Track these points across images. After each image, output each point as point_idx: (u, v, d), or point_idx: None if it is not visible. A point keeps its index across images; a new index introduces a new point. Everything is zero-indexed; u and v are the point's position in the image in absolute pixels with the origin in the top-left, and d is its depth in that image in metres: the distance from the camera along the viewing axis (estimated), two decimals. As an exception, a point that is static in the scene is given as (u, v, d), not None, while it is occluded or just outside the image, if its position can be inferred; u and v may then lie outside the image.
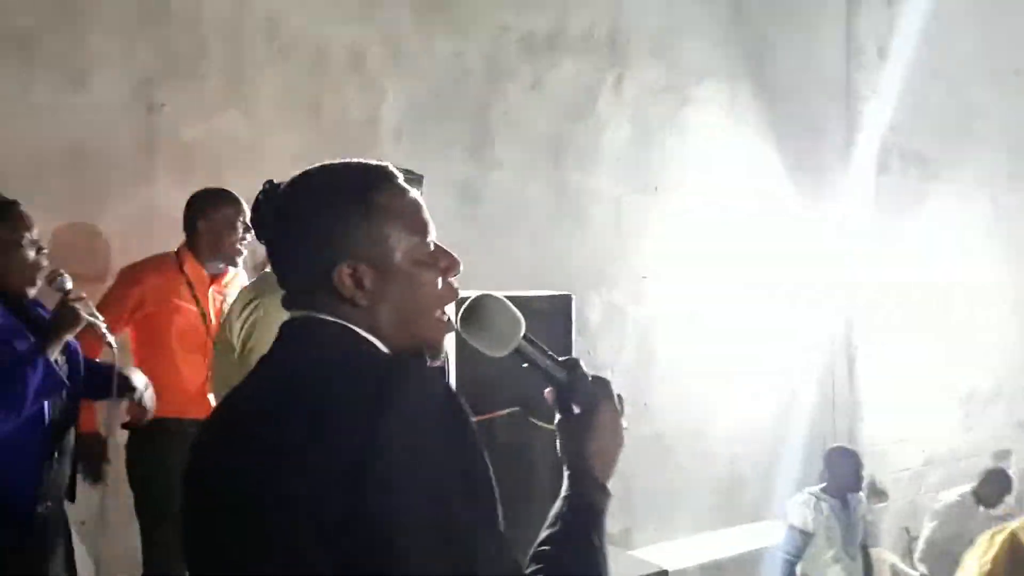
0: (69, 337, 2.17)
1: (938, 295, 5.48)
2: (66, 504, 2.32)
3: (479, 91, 4.06)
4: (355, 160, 1.09)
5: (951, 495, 4.78)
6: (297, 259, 1.05)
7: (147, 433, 2.54)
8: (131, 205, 3.01)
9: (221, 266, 2.92)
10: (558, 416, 1.15)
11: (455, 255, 1.09)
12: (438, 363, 1.10)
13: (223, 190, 2.95)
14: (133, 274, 2.82)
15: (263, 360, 1.06)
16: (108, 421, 2.59)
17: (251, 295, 2.28)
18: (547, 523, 1.07)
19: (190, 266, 2.88)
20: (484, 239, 3.98)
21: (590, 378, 1.15)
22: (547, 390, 1.16)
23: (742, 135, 4.90)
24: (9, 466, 2.09)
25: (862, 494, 4.27)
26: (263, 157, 3.33)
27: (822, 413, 5.18)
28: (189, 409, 2.64)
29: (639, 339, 4.53)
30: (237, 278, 3.03)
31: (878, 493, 5.30)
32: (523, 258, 4.09)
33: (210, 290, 2.91)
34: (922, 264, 5.41)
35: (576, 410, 1.14)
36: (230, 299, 2.90)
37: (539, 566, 1.01)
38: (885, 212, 5.32)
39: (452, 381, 2.59)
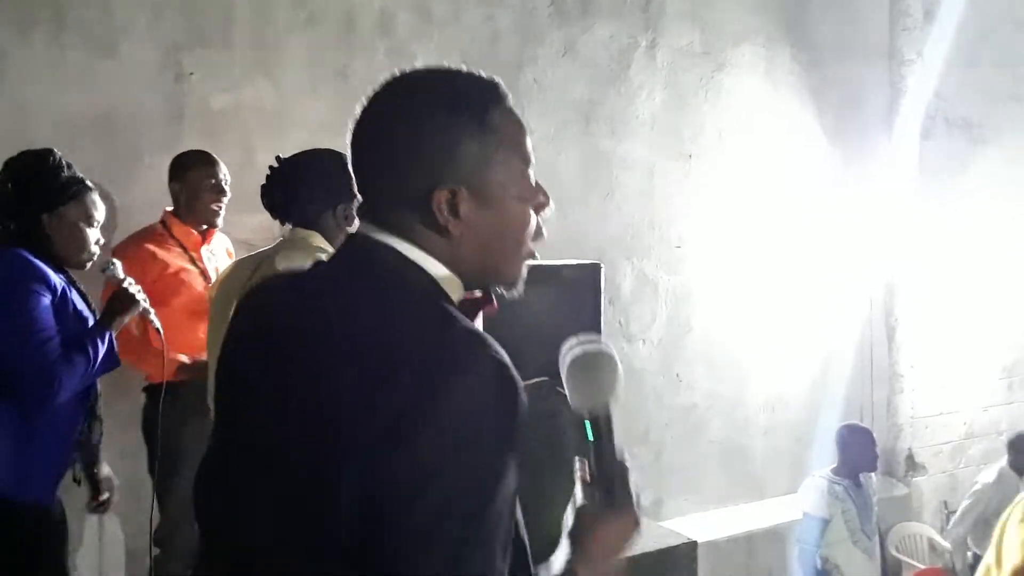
0: (126, 320, 2.24)
1: (982, 264, 5.34)
2: None
3: (509, 56, 3.99)
4: (464, 69, 0.99)
5: (989, 474, 4.67)
6: (392, 175, 0.95)
7: (166, 395, 2.55)
8: (159, 173, 3.01)
9: (203, 227, 2.94)
10: (580, 497, 1.08)
11: (546, 190, 1.02)
12: (514, 296, 1.04)
13: (198, 151, 2.96)
14: (127, 248, 2.82)
15: (320, 271, 1.01)
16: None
17: (256, 262, 2.24)
18: None
19: (178, 229, 2.90)
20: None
21: (634, 491, 1.07)
22: (580, 464, 1.09)
23: (780, 101, 4.78)
24: (57, 432, 2.14)
25: (873, 474, 4.15)
26: (291, 125, 3.31)
27: (860, 385, 5.09)
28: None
29: (672, 309, 4.47)
30: (221, 245, 3.05)
31: (916, 467, 5.22)
32: (553, 226, 3.98)
33: (203, 249, 2.94)
34: (966, 232, 5.27)
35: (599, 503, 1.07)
36: (218, 259, 2.94)
37: None
38: (929, 179, 5.18)
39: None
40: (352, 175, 1.00)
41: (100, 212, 2.23)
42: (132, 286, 2.28)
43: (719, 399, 4.60)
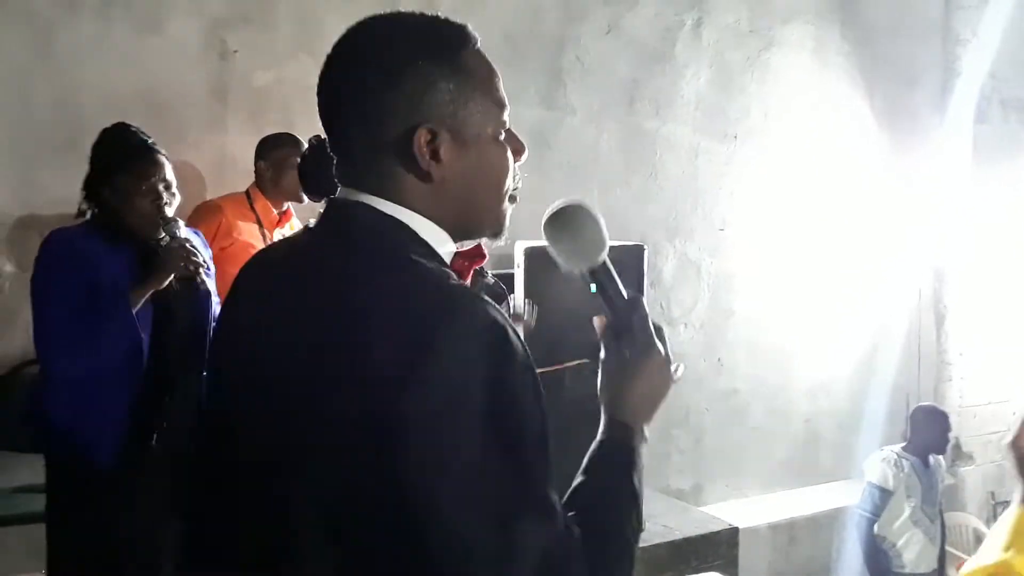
0: (160, 285, 2.18)
1: (1036, 251, 5.19)
2: None
3: (552, 34, 3.94)
4: (430, 13, 0.97)
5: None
6: (368, 121, 0.92)
7: None
8: (203, 150, 3.04)
9: (285, 205, 3.04)
10: (604, 351, 1.06)
11: (522, 139, 1.00)
12: (500, 242, 1.03)
13: (285, 133, 3.05)
14: (212, 205, 2.92)
15: (304, 239, 0.99)
16: None
17: None
18: (583, 466, 1.00)
19: (260, 204, 3.00)
20: (555, 186, 3.90)
21: (654, 323, 1.05)
22: (596, 318, 1.07)
23: (829, 81, 4.67)
24: (105, 396, 2.16)
25: (942, 457, 4.11)
26: (333, 102, 3.30)
27: (907, 372, 4.99)
28: None
29: (714, 293, 4.41)
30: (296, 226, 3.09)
31: (964, 456, 5.11)
32: (595, 206, 3.99)
33: (276, 231, 3.00)
34: (1020, 219, 5.12)
35: (626, 351, 1.05)
36: None
37: (573, 514, 0.92)
38: (982, 163, 5.03)
39: (520, 328, 2.55)
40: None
41: (160, 179, 2.20)
42: (190, 246, 2.22)
43: (761, 384, 4.54)
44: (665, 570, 2.52)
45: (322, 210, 0.99)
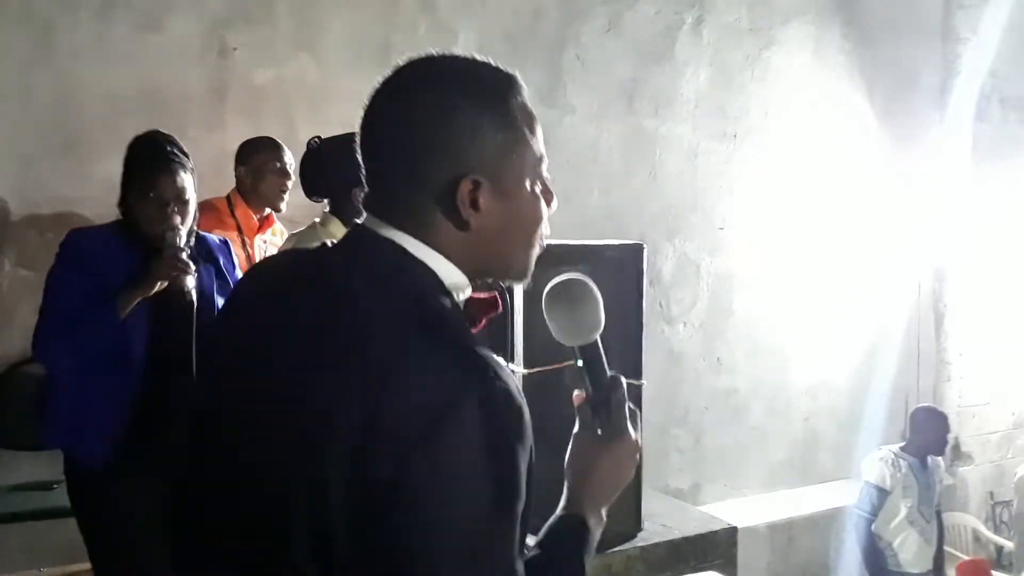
0: (148, 291, 2.16)
1: (1036, 250, 5.19)
2: None
3: (552, 33, 3.94)
4: (478, 57, 0.96)
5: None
6: (415, 164, 0.90)
7: None
8: (203, 148, 3.02)
9: (267, 211, 3.01)
10: (577, 427, 1.08)
11: (552, 188, 0.99)
12: (523, 286, 1.01)
13: (265, 137, 3.03)
14: None
15: (320, 258, 0.95)
16: None
17: (289, 246, 2.27)
18: (540, 535, 1.02)
19: (240, 211, 2.97)
20: (555, 186, 3.89)
21: (628, 407, 1.07)
22: (576, 393, 1.09)
23: (829, 79, 4.67)
24: (101, 396, 2.18)
25: (940, 459, 4.10)
26: (332, 100, 3.31)
27: (906, 371, 4.99)
28: None
29: (713, 291, 4.41)
30: (277, 237, 3.07)
31: (963, 456, 5.11)
32: (595, 206, 4.01)
33: (257, 237, 2.98)
34: (1020, 218, 5.12)
35: (598, 431, 1.07)
36: (271, 249, 2.95)
37: None
38: (982, 162, 5.03)
39: (519, 329, 2.55)
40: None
41: (170, 189, 2.20)
42: (172, 259, 2.20)
43: (760, 384, 4.54)
44: (663, 569, 2.51)
45: (347, 234, 0.98)
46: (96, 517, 2.23)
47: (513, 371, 2.55)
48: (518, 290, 2.59)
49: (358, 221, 0.95)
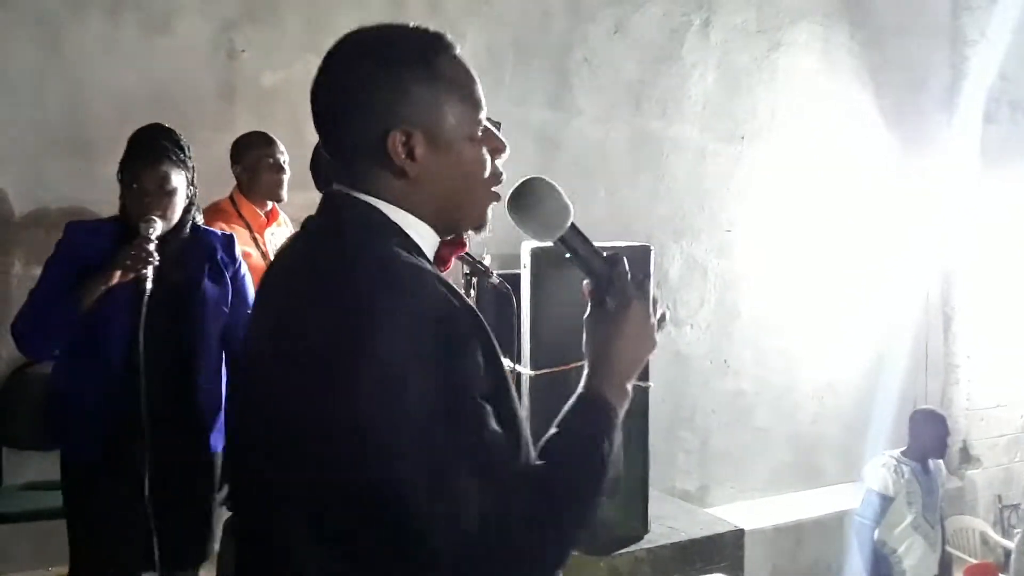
0: (107, 282, 2.13)
1: (1045, 254, 5.17)
2: None
3: (560, 35, 3.95)
4: (409, 23, 1.05)
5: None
6: (350, 125, 1.01)
7: None
8: (212, 149, 3.03)
9: (270, 204, 3.02)
10: (588, 310, 1.10)
11: (502, 137, 1.06)
12: (482, 234, 1.09)
13: (255, 132, 3.03)
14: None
15: (301, 229, 1.09)
16: None
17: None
18: (559, 417, 1.03)
19: (246, 209, 2.97)
20: (562, 188, 3.90)
21: (630, 277, 1.08)
22: (585, 283, 1.11)
23: (837, 81, 4.66)
24: (88, 390, 2.19)
25: (941, 461, 4.07)
26: (340, 102, 3.31)
27: (913, 374, 4.98)
28: None
29: (721, 294, 4.40)
30: (284, 228, 3.08)
31: (971, 459, 5.09)
32: (602, 208, 4.01)
33: (265, 232, 2.99)
34: (1029, 220, 5.10)
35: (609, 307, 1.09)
36: (279, 241, 2.96)
37: (540, 465, 0.97)
38: (990, 165, 5.01)
39: (526, 329, 2.54)
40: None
41: (153, 181, 2.19)
42: (150, 247, 2.15)
43: (767, 386, 4.53)
44: (670, 571, 2.51)
45: (320, 201, 1.08)
46: (78, 512, 2.25)
47: (519, 372, 2.55)
48: (524, 293, 2.59)
49: (331, 188, 1.06)
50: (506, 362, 2.64)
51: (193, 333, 2.25)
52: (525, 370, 2.56)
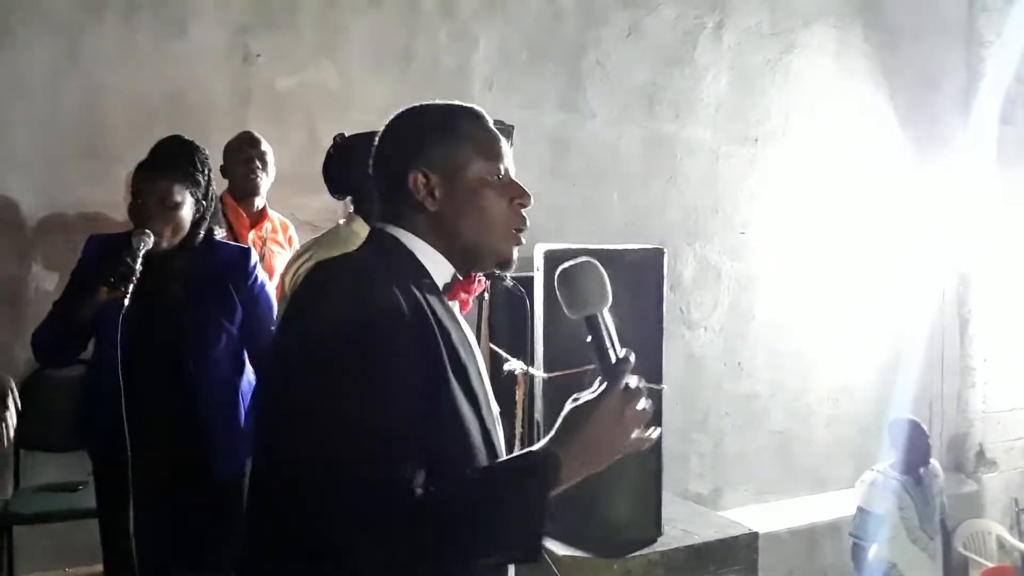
0: (91, 294, 2.11)
1: (1062, 255, 5.12)
2: None
3: (572, 38, 3.95)
4: (455, 103, 1.26)
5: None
6: (384, 167, 1.23)
7: None
8: (226, 154, 3.06)
9: (259, 204, 3.05)
10: (584, 394, 1.15)
11: (525, 189, 1.22)
12: (507, 272, 1.25)
13: (242, 132, 3.08)
14: None
15: (344, 257, 1.26)
16: None
17: (304, 249, 2.27)
18: (501, 461, 1.15)
19: (231, 209, 2.99)
20: (575, 190, 3.91)
21: (624, 383, 1.12)
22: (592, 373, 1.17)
23: (851, 83, 4.64)
24: (98, 385, 2.21)
25: (937, 465, 3.96)
26: (354, 106, 3.33)
27: (929, 377, 4.94)
28: None
29: (734, 296, 4.39)
30: (286, 231, 3.11)
31: (987, 462, 5.05)
32: (615, 210, 4.01)
33: (250, 234, 3.00)
34: (1046, 222, 5.06)
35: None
36: (279, 252, 2.97)
37: (446, 491, 1.03)
38: (1007, 166, 4.98)
39: (539, 331, 2.55)
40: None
41: (150, 194, 2.18)
42: (129, 261, 2.10)
43: (781, 388, 4.52)
44: (684, 575, 2.51)
45: (368, 235, 1.27)
46: (100, 505, 2.31)
47: (532, 374, 2.56)
48: (537, 296, 2.60)
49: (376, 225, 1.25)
50: (519, 364, 2.64)
51: (191, 349, 2.21)
52: (538, 372, 2.57)
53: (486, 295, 2.50)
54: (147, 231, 2.14)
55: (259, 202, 3.07)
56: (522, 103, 3.72)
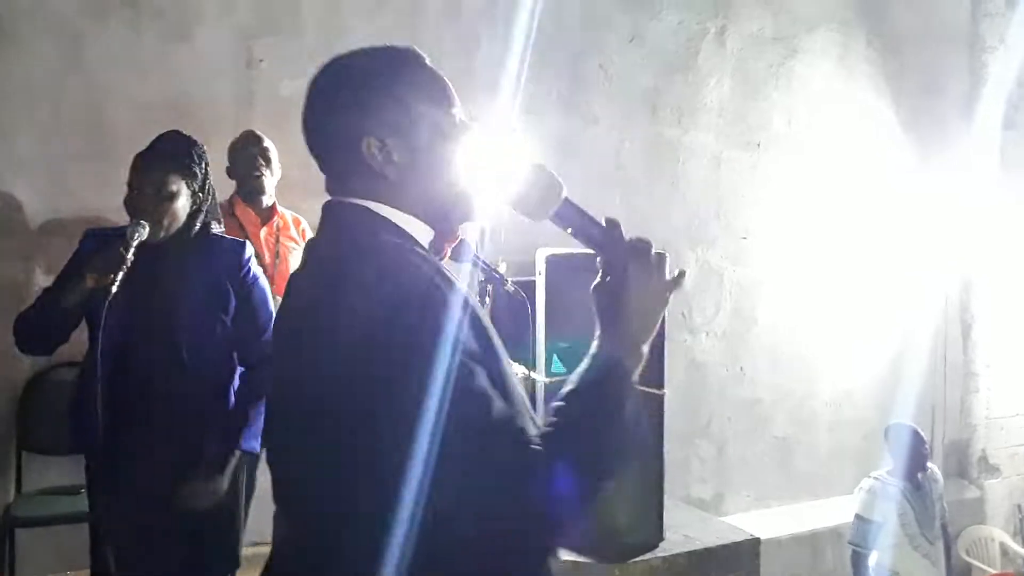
0: (80, 285, 2.12)
1: (1065, 261, 5.12)
2: None
3: (575, 42, 3.96)
4: (381, 45, 1.15)
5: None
6: (330, 140, 1.12)
7: None
8: (230, 158, 3.07)
9: (267, 202, 3.06)
10: (596, 280, 1.12)
11: (471, 122, 1.14)
12: (474, 221, 1.17)
13: (246, 131, 3.10)
14: None
15: (310, 240, 1.19)
16: None
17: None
18: (574, 379, 1.04)
19: (240, 209, 3.03)
20: (578, 196, 3.89)
21: (627, 240, 1.11)
22: (598, 259, 1.13)
23: (854, 88, 4.64)
24: (90, 384, 2.18)
25: (936, 469, 3.92)
26: (358, 111, 3.33)
27: (932, 383, 4.93)
28: None
29: (737, 301, 4.39)
30: (299, 226, 3.12)
31: (990, 468, 5.04)
32: (618, 215, 3.97)
33: (262, 231, 3.02)
34: (1049, 227, 5.06)
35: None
36: (294, 248, 2.98)
37: (552, 425, 0.97)
38: (1010, 170, 4.98)
39: (541, 336, 2.55)
40: None
41: (146, 185, 2.18)
42: (122, 251, 2.10)
43: (784, 394, 4.51)
44: (686, 580, 2.51)
45: (322, 208, 1.16)
46: (92, 507, 2.32)
47: (534, 379, 2.55)
48: (539, 300, 2.60)
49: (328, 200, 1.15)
50: (521, 368, 2.65)
51: (181, 340, 2.21)
52: (540, 377, 2.57)
53: (487, 299, 2.50)
54: (142, 222, 2.14)
55: (267, 200, 3.09)
56: (525, 108, 3.73)
